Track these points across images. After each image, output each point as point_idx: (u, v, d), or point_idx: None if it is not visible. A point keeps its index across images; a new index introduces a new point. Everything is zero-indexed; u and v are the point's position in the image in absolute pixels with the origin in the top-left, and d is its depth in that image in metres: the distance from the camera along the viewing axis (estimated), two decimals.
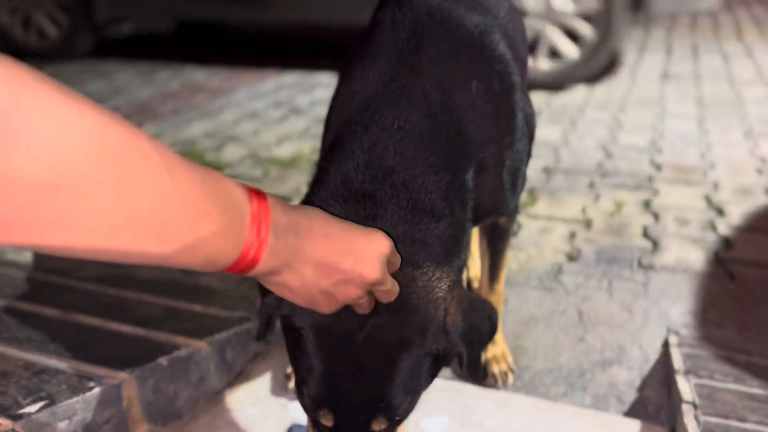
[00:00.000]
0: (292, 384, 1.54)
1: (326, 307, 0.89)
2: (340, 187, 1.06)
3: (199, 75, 5.51)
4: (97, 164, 0.55)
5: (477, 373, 1.04)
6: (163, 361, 1.38)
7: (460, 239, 1.13)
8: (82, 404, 1.17)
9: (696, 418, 1.33)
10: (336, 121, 1.24)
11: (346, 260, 0.84)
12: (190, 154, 3.53)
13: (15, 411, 1.08)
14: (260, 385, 1.59)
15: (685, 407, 1.38)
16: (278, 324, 1.03)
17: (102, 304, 1.70)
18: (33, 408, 1.10)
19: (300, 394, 0.98)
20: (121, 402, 1.27)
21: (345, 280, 0.85)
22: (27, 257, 2.26)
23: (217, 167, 3.35)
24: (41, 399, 1.14)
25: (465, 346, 0.98)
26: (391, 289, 0.93)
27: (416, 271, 1.00)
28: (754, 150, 3.52)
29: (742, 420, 1.34)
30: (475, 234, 1.78)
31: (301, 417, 1.47)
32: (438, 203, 1.07)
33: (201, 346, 1.50)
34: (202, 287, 2.04)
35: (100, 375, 1.27)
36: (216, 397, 1.54)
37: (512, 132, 1.27)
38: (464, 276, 2.09)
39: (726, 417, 1.34)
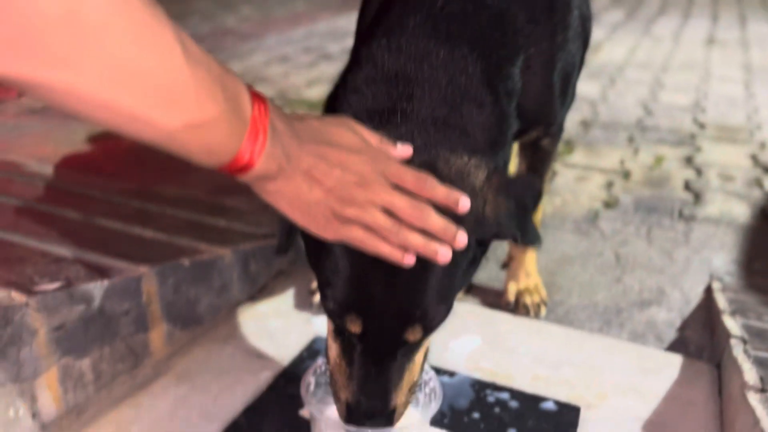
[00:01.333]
0: (316, 299, 1.48)
1: (324, 220, 0.79)
2: (373, 68, 0.94)
3: (230, 20, 5.42)
4: (117, 14, 0.55)
5: (537, 240, 0.92)
6: (184, 261, 1.33)
7: (503, 132, 1.03)
8: (101, 291, 1.12)
9: (746, 352, 1.24)
10: (372, 7, 1.15)
11: (335, 168, 0.78)
12: None
13: (30, 287, 1.03)
14: (283, 300, 1.53)
15: (733, 341, 1.29)
16: (300, 241, 0.95)
17: (124, 213, 1.65)
18: (49, 287, 1.05)
19: (324, 298, 0.87)
20: (140, 296, 1.21)
21: (334, 186, 0.78)
22: (50, 171, 2.22)
23: None
24: (58, 280, 1.09)
25: (515, 226, 0.87)
26: (395, 203, 0.80)
27: (451, 158, 0.89)
28: None
29: None
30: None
31: (324, 330, 1.41)
32: (481, 89, 0.95)
33: (224, 253, 1.44)
34: (227, 207, 1.98)
35: (120, 267, 1.22)
36: (238, 307, 1.49)
37: (566, 29, 1.17)
38: None
39: None
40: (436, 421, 1.15)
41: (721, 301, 1.58)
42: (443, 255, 0.81)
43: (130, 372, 1.22)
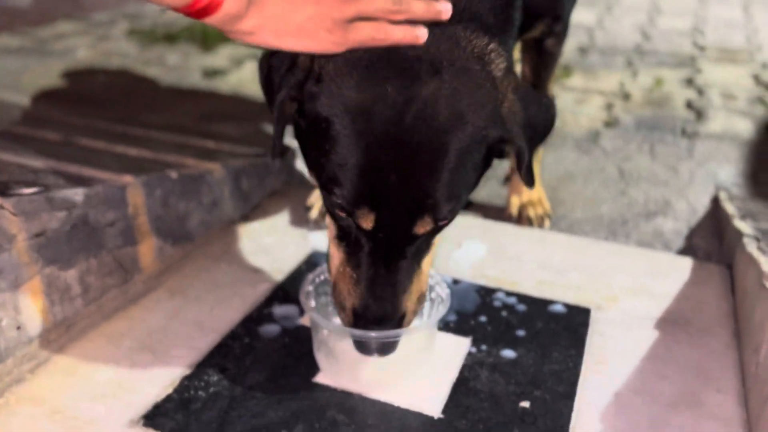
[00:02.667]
0: (313, 214, 1.42)
1: (326, 33, 0.74)
2: None
3: None
4: None
5: (531, 179, 0.86)
6: (172, 173, 1.26)
7: (512, 18, 0.96)
8: (82, 198, 1.05)
9: (760, 248, 1.20)
10: None
11: None
12: (202, 29, 3.32)
13: (5, 191, 0.96)
14: (278, 218, 1.47)
15: (746, 240, 1.24)
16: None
17: (107, 135, 1.57)
18: (26, 191, 0.98)
19: (330, 196, 0.80)
20: (126, 206, 1.15)
21: None
22: (27, 101, 2.13)
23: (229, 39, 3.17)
24: (36, 186, 1.02)
25: (524, 139, 0.82)
26: None
27: (470, 33, 0.83)
28: None
29: None
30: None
31: (322, 245, 1.36)
32: None
33: (213, 167, 1.37)
34: (214, 132, 1.91)
35: (102, 177, 1.15)
36: (231, 225, 1.43)
37: None
38: None
39: None
40: (442, 326, 1.10)
41: (730, 207, 1.53)
42: (446, 7, 0.79)
43: (120, 287, 1.16)
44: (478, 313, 1.15)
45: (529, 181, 0.86)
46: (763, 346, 0.94)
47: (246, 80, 2.66)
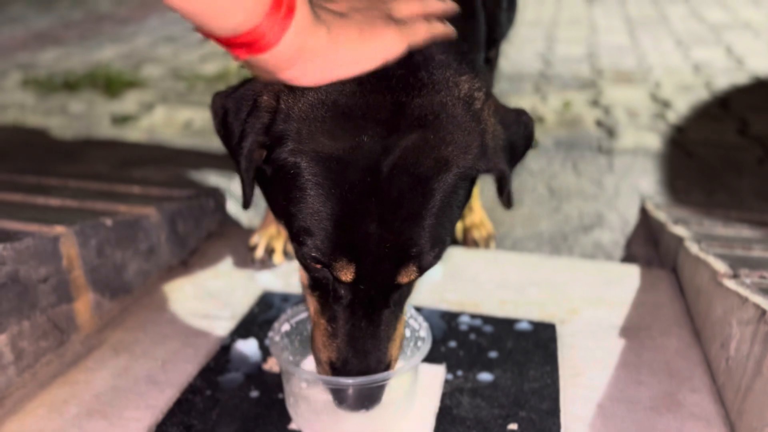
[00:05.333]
0: (258, 254, 1.35)
1: (398, 34, 0.74)
2: None
3: (105, 4, 5.03)
4: None
5: (511, 200, 0.84)
6: (106, 221, 1.16)
7: (480, 43, 0.97)
8: (12, 253, 0.94)
9: (703, 249, 1.24)
10: None
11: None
12: (105, 75, 3.17)
13: None
14: (220, 260, 1.39)
15: (687, 243, 1.29)
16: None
17: (21, 186, 1.44)
18: None
19: (303, 248, 0.73)
20: (59, 259, 1.04)
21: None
22: None
23: (136, 84, 3.05)
24: None
25: (506, 162, 0.79)
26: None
27: (450, 70, 0.77)
28: (687, 56, 3.54)
29: (748, 249, 1.27)
30: None
31: (272, 285, 1.29)
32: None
33: (149, 212, 1.28)
34: (137, 178, 1.80)
35: (31, 231, 1.04)
36: (170, 272, 1.33)
37: None
38: None
39: (730, 248, 1.27)
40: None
41: (661, 215, 1.60)
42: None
43: (56, 350, 1.05)
44: (446, 338, 1.12)
45: (509, 203, 0.84)
46: (732, 340, 0.97)
47: (158, 124, 2.54)
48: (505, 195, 0.82)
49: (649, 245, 1.59)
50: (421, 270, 0.75)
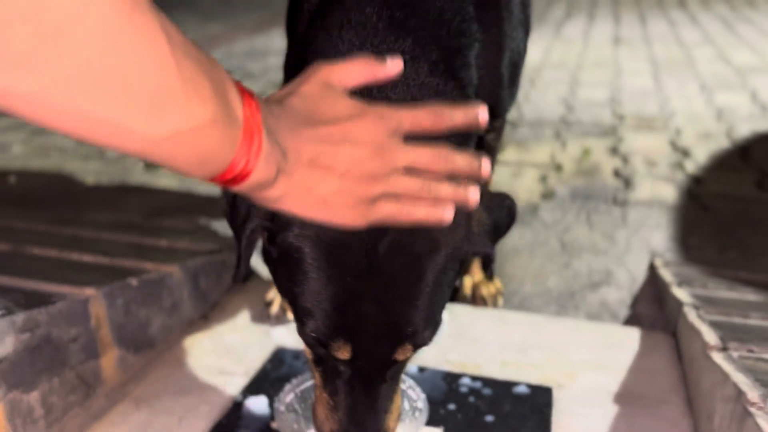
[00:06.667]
0: (273, 310, 1.43)
1: (349, 210, 0.71)
2: (332, 53, 0.90)
3: None
4: (89, 5, 0.46)
5: (493, 275, 0.90)
6: (132, 281, 1.25)
7: (471, 134, 1.02)
8: (45, 317, 1.04)
9: (700, 316, 1.28)
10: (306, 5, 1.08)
11: (342, 147, 0.69)
12: None
13: None
14: (239, 315, 1.47)
15: (686, 309, 1.33)
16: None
17: (57, 241, 1.55)
18: None
19: (304, 327, 0.79)
20: (88, 320, 1.13)
21: (349, 168, 0.70)
22: None
23: None
24: None
25: (490, 245, 0.85)
26: (419, 158, 0.73)
27: None
28: (711, 100, 3.57)
29: (745, 317, 1.30)
30: None
31: (285, 341, 1.37)
32: (446, 78, 0.88)
33: (173, 270, 1.37)
34: (166, 228, 1.91)
35: (63, 292, 1.14)
36: (191, 326, 1.42)
37: (510, 14, 1.18)
38: None
39: (728, 315, 1.31)
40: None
41: (667, 275, 1.63)
42: (474, 194, 0.78)
43: (83, 404, 1.13)
44: (446, 400, 1.18)
45: (491, 277, 0.91)
46: (715, 415, 1.01)
47: None
48: (489, 271, 0.88)
49: (655, 305, 1.63)
50: (416, 348, 0.81)
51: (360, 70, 0.77)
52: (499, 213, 0.89)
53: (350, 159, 0.69)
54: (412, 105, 0.78)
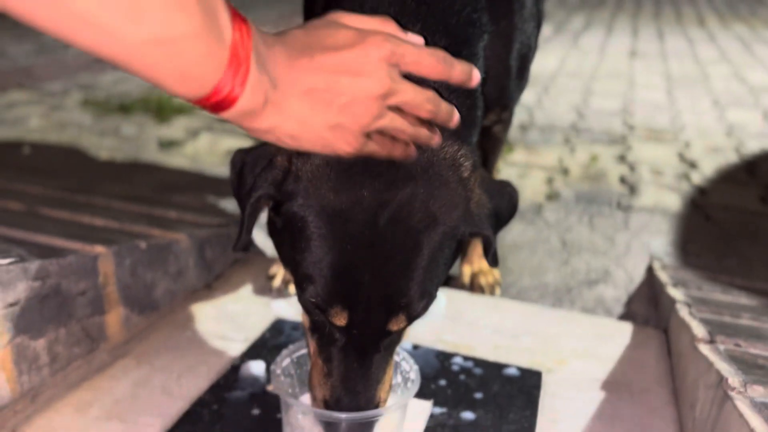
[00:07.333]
0: (275, 284, 1.47)
1: (346, 145, 0.73)
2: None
3: None
4: None
5: (496, 262, 0.92)
6: (141, 244, 1.29)
7: (476, 115, 1.05)
8: (56, 267, 1.08)
9: (691, 313, 1.31)
10: None
11: (340, 78, 0.69)
12: (157, 100, 3.38)
13: None
14: (242, 287, 1.51)
15: (679, 306, 1.36)
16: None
17: (70, 205, 1.60)
18: (2, 261, 1.00)
19: (304, 294, 0.81)
20: (96, 276, 1.17)
21: (349, 102, 0.69)
22: None
23: (184, 110, 3.24)
24: (11, 256, 1.04)
25: (491, 229, 0.88)
26: (414, 99, 0.75)
27: (442, 141, 0.86)
28: (722, 117, 3.58)
29: (736, 317, 1.33)
30: None
31: (286, 313, 1.40)
32: None
33: (180, 237, 1.41)
34: (175, 202, 1.95)
35: (75, 248, 1.18)
36: (195, 293, 1.46)
37: (522, 8, 1.21)
38: None
39: (719, 314, 1.33)
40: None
41: (663, 276, 1.66)
42: (436, 136, 0.82)
43: (86, 356, 1.17)
44: (437, 376, 1.21)
45: (494, 263, 0.93)
46: (698, 403, 1.03)
47: (201, 152, 2.72)
48: (490, 256, 0.91)
49: (650, 305, 1.66)
50: (410, 319, 0.84)
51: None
52: (500, 199, 0.91)
53: (350, 93, 0.68)
54: (415, 46, 0.78)
